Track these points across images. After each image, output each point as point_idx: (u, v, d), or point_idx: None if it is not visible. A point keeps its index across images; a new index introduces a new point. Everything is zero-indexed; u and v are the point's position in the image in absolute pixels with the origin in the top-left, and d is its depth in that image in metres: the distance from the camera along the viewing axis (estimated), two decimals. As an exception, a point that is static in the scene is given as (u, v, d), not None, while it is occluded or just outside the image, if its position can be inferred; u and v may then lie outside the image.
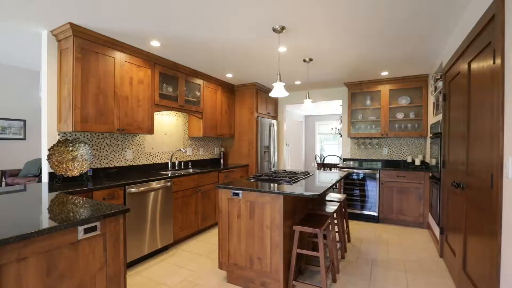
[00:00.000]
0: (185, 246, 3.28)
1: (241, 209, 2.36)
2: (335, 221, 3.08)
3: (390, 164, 4.66)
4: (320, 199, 3.14)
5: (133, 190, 2.66)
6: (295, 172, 3.20)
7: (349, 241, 3.42)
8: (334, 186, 3.57)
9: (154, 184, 2.91)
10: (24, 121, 4.70)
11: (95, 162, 2.96)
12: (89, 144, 2.88)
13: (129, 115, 2.99)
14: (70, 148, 2.63)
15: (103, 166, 3.04)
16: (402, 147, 4.65)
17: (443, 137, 2.97)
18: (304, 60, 3.46)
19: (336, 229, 3.52)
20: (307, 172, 3.32)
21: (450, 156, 2.74)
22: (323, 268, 2.14)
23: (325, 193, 2.19)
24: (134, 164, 3.41)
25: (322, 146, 10.57)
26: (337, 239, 3.35)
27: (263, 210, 2.26)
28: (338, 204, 2.91)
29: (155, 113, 3.68)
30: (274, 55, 3.32)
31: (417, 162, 4.24)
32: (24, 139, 4.68)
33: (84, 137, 2.86)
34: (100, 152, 3.01)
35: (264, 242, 2.26)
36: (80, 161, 2.66)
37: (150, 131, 3.24)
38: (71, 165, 2.61)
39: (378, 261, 2.87)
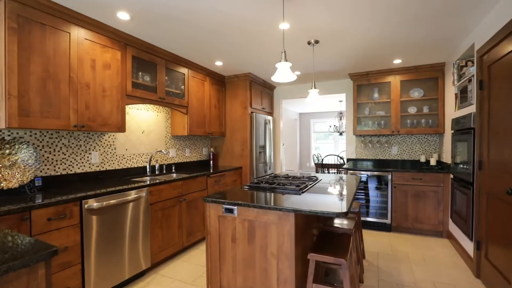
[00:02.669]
0: (166, 269, 2.66)
1: (237, 231, 1.77)
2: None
3: (401, 165, 4.17)
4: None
5: (94, 205, 2.03)
6: (300, 177, 2.64)
7: (363, 257, 2.89)
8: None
9: (125, 196, 2.29)
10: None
11: (48, 169, 2.31)
12: (36, 145, 2.23)
13: (92, 107, 2.34)
14: (7, 151, 1.97)
15: (59, 173, 2.39)
16: (414, 145, 4.16)
17: (478, 133, 2.47)
18: (309, 43, 2.89)
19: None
20: (314, 176, 2.76)
21: (490, 156, 2.25)
22: (348, 309, 1.59)
23: (350, 208, 1.63)
24: (102, 169, 2.76)
25: (317, 145, 10.08)
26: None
27: (266, 232, 1.68)
28: (354, 216, 2.37)
29: (128, 106, 3.04)
30: (273, 35, 2.74)
31: (433, 162, 3.76)
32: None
33: (30, 136, 2.20)
34: (54, 155, 2.36)
35: (269, 275, 1.68)
36: (22, 168, 2.01)
37: (121, 128, 2.60)
38: (8, 173, 1.95)
39: (405, 286, 2.34)
